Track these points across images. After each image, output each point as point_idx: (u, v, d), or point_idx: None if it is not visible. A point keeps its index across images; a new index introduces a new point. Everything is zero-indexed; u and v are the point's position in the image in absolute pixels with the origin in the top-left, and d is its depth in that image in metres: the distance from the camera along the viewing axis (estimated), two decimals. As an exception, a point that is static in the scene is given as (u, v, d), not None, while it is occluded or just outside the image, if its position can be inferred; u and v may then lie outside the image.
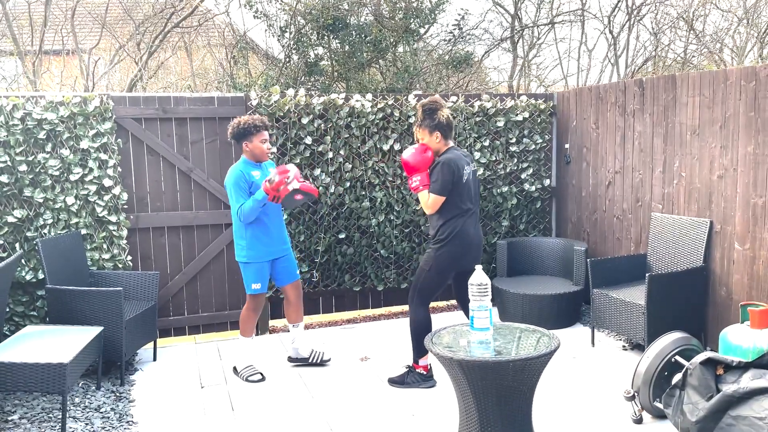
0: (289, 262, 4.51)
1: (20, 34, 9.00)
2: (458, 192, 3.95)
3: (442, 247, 4.00)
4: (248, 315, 4.44)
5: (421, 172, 4.00)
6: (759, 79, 4.18)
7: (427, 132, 4.01)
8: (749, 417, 2.92)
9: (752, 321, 3.67)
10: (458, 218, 3.98)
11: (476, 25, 10.13)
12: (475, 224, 4.08)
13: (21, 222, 4.70)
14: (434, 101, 4.03)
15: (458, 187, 3.94)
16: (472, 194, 4.04)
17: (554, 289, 5.37)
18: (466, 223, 4.00)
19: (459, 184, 3.93)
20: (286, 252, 4.48)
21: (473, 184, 4.07)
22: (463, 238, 3.99)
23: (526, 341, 3.23)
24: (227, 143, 5.30)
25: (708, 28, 11.90)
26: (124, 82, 9.83)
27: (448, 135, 4.03)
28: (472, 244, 4.04)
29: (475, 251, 4.09)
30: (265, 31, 8.27)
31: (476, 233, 4.09)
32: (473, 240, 4.04)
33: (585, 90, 5.89)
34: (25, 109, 4.67)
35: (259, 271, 4.32)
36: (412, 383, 4.23)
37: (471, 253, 4.06)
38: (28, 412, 3.91)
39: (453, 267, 4.06)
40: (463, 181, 3.95)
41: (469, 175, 4.02)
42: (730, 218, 4.47)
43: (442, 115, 3.98)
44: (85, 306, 4.30)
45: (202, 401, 4.12)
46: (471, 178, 4.04)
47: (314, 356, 4.68)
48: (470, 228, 4.02)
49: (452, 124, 4.04)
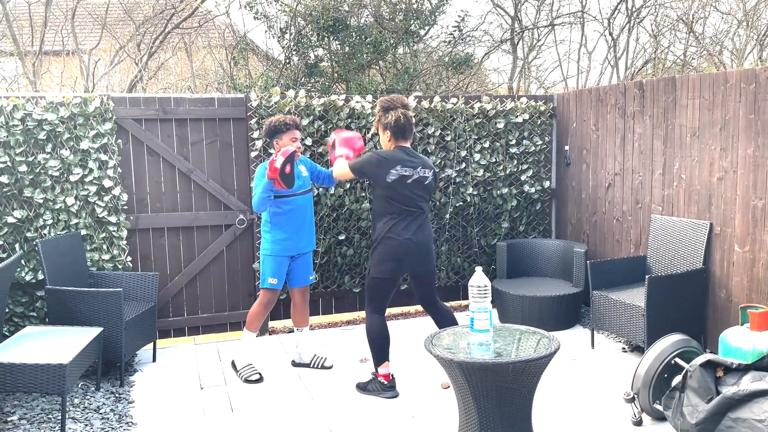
0: (305, 263, 4.50)
1: (20, 34, 9.00)
2: (382, 189, 3.86)
3: (374, 248, 3.95)
4: (259, 310, 4.42)
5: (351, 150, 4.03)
6: (759, 82, 4.18)
7: (381, 128, 3.99)
8: (749, 419, 2.92)
9: (752, 323, 3.67)
10: (389, 219, 3.88)
11: (476, 26, 10.15)
12: (416, 227, 3.90)
13: (21, 222, 4.70)
14: (390, 100, 3.95)
15: (380, 183, 3.84)
16: (407, 198, 3.87)
17: (554, 291, 5.37)
18: (399, 225, 3.87)
19: (380, 179, 3.83)
20: (306, 251, 4.47)
21: (414, 188, 3.89)
22: (395, 239, 3.86)
23: (525, 343, 3.23)
24: (227, 144, 5.30)
25: (708, 30, 11.92)
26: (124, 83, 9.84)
27: (399, 136, 3.92)
28: (409, 246, 3.89)
29: (415, 254, 3.92)
30: (265, 33, 8.29)
31: (416, 236, 3.90)
32: (410, 242, 3.88)
33: (585, 92, 5.90)
34: (26, 109, 4.67)
35: (278, 266, 4.34)
36: (372, 391, 4.14)
37: (410, 257, 3.91)
38: (27, 412, 3.91)
39: (390, 269, 3.91)
40: (388, 180, 3.82)
41: (408, 179, 3.86)
42: (729, 220, 4.47)
43: (393, 116, 3.88)
44: (84, 307, 4.30)
45: (201, 402, 4.12)
46: (411, 182, 3.87)
47: (315, 362, 4.68)
48: (406, 230, 3.87)
49: (405, 126, 3.90)
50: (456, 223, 5.96)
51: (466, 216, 5.98)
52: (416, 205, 3.92)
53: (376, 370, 4.10)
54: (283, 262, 4.36)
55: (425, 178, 3.95)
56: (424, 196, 3.97)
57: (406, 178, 3.87)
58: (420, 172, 3.93)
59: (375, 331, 4.01)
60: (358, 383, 4.25)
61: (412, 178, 3.89)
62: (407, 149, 3.95)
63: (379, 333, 4.00)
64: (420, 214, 3.95)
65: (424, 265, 4.00)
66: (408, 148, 3.96)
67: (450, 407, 3.93)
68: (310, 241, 4.48)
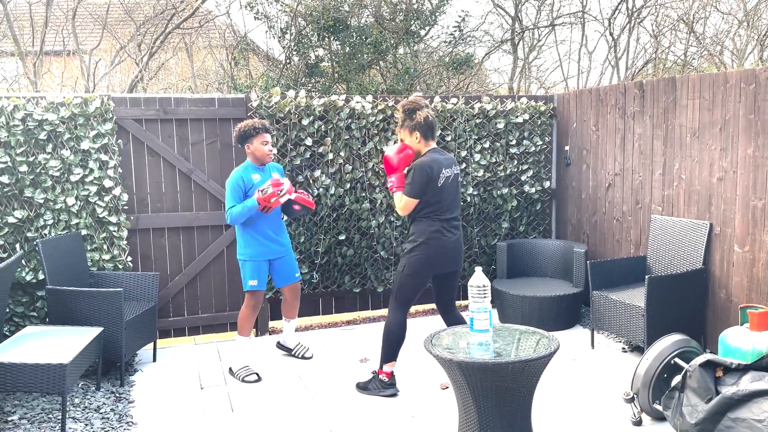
0: (286, 263, 4.60)
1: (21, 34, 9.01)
2: (433, 195, 3.88)
3: (414, 249, 3.94)
4: (247, 313, 4.49)
5: (398, 171, 3.95)
6: (759, 82, 4.19)
7: (408, 132, 3.97)
8: (748, 419, 2.93)
9: (751, 323, 3.67)
10: (432, 221, 3.91)
11: (477, 26, 10.15)
12: (452, 228, 3.98)
13: (21, 222, 4.71)
14: (414, 102, 3.98)
15: (433, 191, 3.87)
16: (449, 198, 3.96)
17: (554, 291, 5.37)
18: (441, 227, 3.93)
19: (434, 187, 3.87)
20: (284, 254, 4.56)
21: (453, 188, 3.98)
22: (437, 241, 3.92)
23: (525, 343, 3.23)
24: (228, 144, 5.31)
25: (708, 30, 11.92)
26: (125, 83, 9.84)
27: (429, 136, 3.97)
28: (447, 248, 3.96)
29: (451, 255, 4.00)
30: (265, 33, 8.28)
31: (453, 237, 3.98)
32: (448, 244, 3.95)
33: (585, 92, 5.90)
34: (26, 109, 4.68)
35: (255, 268, 4.44)
36: (372, 390, 4.16)
37: (447, 256, 3.98)
38: (28, 412, 3.91)
39: (428, 271, 3.98)
40: (439, 185, 3.88)
41: (449, 179, 3.94)
42: (729, 220, 4.47)
43: (421, 116, 3.91)
44: (85, 307, 4.30)
45: (201, 402, 4.13)
46: (450, 182, 3.95)
47: (297, 350, 4.87)
48: (446, 232, 3.94)
49: (433, 124, 3.97)
50: (456, 224, 5.96)
51: (467, 216, 5.98)
52: (453, 205, 4.01)
53: (381, 366, 4.12)
54: (260, 265, 4.46)
55: (457, 174, 4.06)
56: (457, 194, 4.06)
57: (448, 179, 3.94)
58: (455, 170, 4.03)
59: (395, 329, 4.05)
60: (358, 383, 4.25)
61: (451, 178, 3.97)
62: (438, 149, 4.00)
63: (399, 332, 4.05)
64: (456, 215, 4.04)
65: (456, 263, 4.07)
66: (437, 147, 4.02)
67: (450, 407, 3.94)
68: (287, 243, 4.61)
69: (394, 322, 4.03)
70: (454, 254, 4.01)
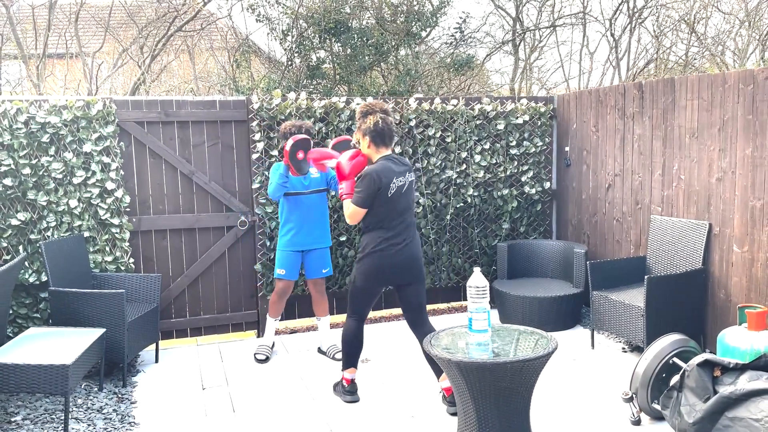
0: (314, 257, 4.80)
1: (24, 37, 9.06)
2: (381, 205, 3.73)
3: (362, 260, 3.84)
4: (274, 299, 4.84)
5: (348, 179, 3.82)
6: (757, 83, 4.20)
7: (361, 135, 3.87)
8: (746, 418, 2.94)
9: (750, 323, 3.69)
10: (380, 232, 3.77)
11: (478, 28, 10.17)
12: (403, 239, 3.81)
13: (24, 225, 4.74)
14: (369, 105, 3.83)
15: (382, 201, 3.72)
16: (401, 208, 3.80)
17: (554, 292, 5.39)
18: (390, 238, 3.77)
19: (383, 197, 3.71)
20: (313, 246, 4.77)
21: (405, 196, 3.81)
22: (384, 252, 3.77)
23: (524, 343, 3.25)
24: (229, 146, 5.34)
25: (710, 30, 11.92)
26: (128, 86, 9.89)
27: (379, 142, 3.79)
28: (396, 259, 3.79)
29: (401, 266, 3.82)
30: (267, 35, 8.31)
31: (404, 248, 3.81)
32: (398, 255, 3.79)
33: (585, 93, 5.92)
34: (29, 112, 4.71)
35: (283, 258, 4.73)
36: (337, 392, 4.19)
37: (396, 267, 3.81)
38: (31, 413, 3.94)
39: (375, 282, 3.85)
40: (389, 195, 3.72)
41: (402, 188, 3.78)
42: (728, 221, 4.48)
43: (371, 120, 3.76)
44: (87, 308, 4.33)
45: (203, 402, 4.15)
46: (405, 191, 3.80)
47: (330, 351, 4.94)
48: (395, 243, 3.78)
49: (383, 131, 3.77)
50: (457, 224, 5.98)
51: (467, 217, 6.01)
52: (407, 214, 3.85)
53: (342, 371, 4.13)
54: (291, 256, 4.72)
55: (412, 182, 3.89)
56: (410, 202, 3.87)
57: (402, 188, 3.79)
58: (410, 177, 3.86)
59: (350, 335, 4.00)
60: (335, 382, 4.31)
61: (405, 186, 3.82)
62: (391, 157, 3.82)
63: (353, 339, 4.00)
64: (413, 223, 3.89)
65: (412, 275, 3.87)
66: (391, 155, 3.83)
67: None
68: (320, 238, 4.79)
69: (349, 330, 4.00)
70: (406, 265, 3.83)
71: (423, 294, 3.95)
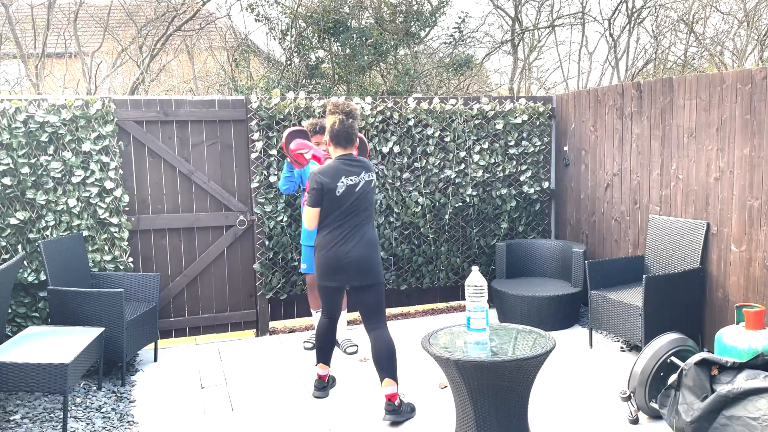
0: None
1: (23, 37, 9.06)
2: (329, 204, 3.74)
3: (315, 258, 3.89)
4: (309, 293, 5.07)
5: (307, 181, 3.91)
6: (755, 82, 4.21)
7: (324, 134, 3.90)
8: (743, 417, 2.95)
9: (747, 322, 3.70)
10: (329, 231, 3.77)
11: (477, 28, 10.20)
12: (352, 240, 3.75)
13: (23, 224, 4.74)
14: (334, 105, 3.79)
15: (330, 200, 3.73)
16: (352, 208, 3.76)
17: (553, 291, 5.39)
18: (337, 237, 3.76)
19: (331, 196, 3.72)
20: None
21: (358, 196, 3.76)
22: (330, 252, 3.76)
23: (522, 342, 3.26)
24: (228, 146, 5.34)
25: (708, 30, 11.94)
26: (126, 85, 9.89)
27: (337, 142, 3.77)
28: (343, 260, 3.75)
29: (348, 268, 3.76)
30: (266, 34, 8.32)
31: (351, 249, 3.75)
32: (344, 256, 3.75)
33: (583, 93, 5.92)
34: (28, 112, 4.71)
35: (305, 253, 4.95)
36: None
37: (342, 269, 3.77)
38: (29, 412, 3.95)
39: (324, 281, 3.85)
40: (337, 194, 3.72)
41: (355, 188, 3.75)
42: (726, 220, 4.49)
43: (330, 121, 3.76)
44: (86, 307, 4.34)
45: (202, 402, 4.16)
46: (357, 191, 3.76)
47: (343, 345, 5.04)
48: (343, 243, 3.75)
49: (340, 132, 3.75)
50: (455, 224, 5.99)
51: (466, 216, 6.01)
52: (359, 214, 3.79)
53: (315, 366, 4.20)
54: (308, 251, 4.89)
55: (369, 182, 3.82)
56: (368, 200, 3.82)
57: (353, 186, 3.75)
58: (365, 177, 3.81)
59: (318, 331, 4.11)
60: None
61: (359, 185, 3.78)
62: (346, 157, 3.79)
63: (321, 335, 4.08)
64: (364, 224, 3.81)
65: (360, 278, 3.79)
66: (347, 155, 3.80)
67: (448, 406, 3.96)
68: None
69: (319, 326, 4.10)
70: (352, 267, 3.76)
71: (375, 298, 3.84)
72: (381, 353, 3.77)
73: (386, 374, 3.75)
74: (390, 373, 3.75)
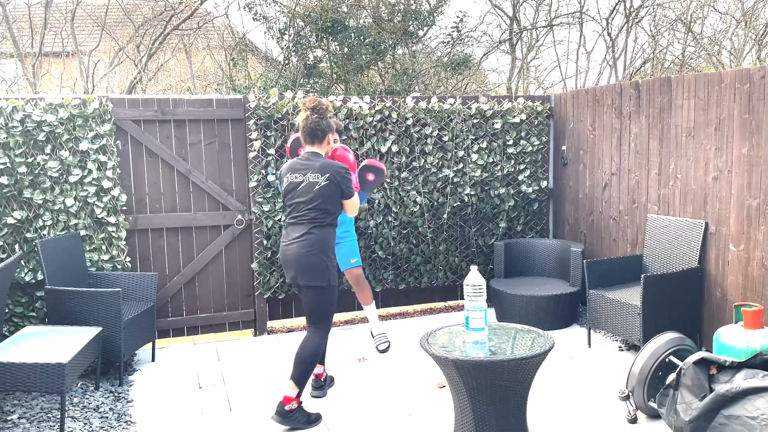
0: (342, 249, 4.79)
1: (20, 36, 9.04)
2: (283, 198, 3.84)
3: None
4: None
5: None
6: (753, 82, 4.21)
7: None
8: (742, 416, 2.95)
9: (745, 321, 3.70)
10: (285, 225, 3.83)
11: (474, 27, 10.21)
12: (293, 237, 3.72)
13: (20, 223, 4.73)
14: (306, 101, 3.78)
15: (283, 194, 3.82)
16: (295, 205, 3.74)
17: (551, 290, 5.39)
18: (285, 233, 3.80)
19: (284, 191, 3.81)
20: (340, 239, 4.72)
21: (301, 195, 3.70)
22: (282, 245, 3.81)
23: (520, 341, 3.25)
24: (225, 145, 5.33)
25: (706, 30, 11.95)
26: (124, 84, 9.88)
27: (304, 138, 3.79)
28: (285, 255, 3.76)
29: (288, 264, 3.75)
30: (264, 34, 8.31)
31: (291, 246, 3.72)
32: (286, 252, 3.75)
33: (582, 92, 5.92)
34: (25, 111, 4.70)
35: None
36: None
37: (286, 264, 3.77)
38: (27, 411, 3.93)
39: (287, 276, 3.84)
40: (283, 187, 3.80)
41: (298, 186, 3.71)
42: (724, 219, 4.49)
43: (300, 117, 3.79)
44: (84, 307, 4.32)
45: (200, 401, 4.15)
46: (300, 189, 3.71)
47: (376, 340, 5.04)
48: (287, 239, 3.76)
49: (306, 129, 3.74)
50: (454, 223, 5.98)
51: (464, 216, 6.01)
52: (302, 213, 3.71)
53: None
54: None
55: (315, 183, 3.68)
56: (313, 201, 3.69)
57: (295, 185, 3.73)
58: (310, 177, 3.69)
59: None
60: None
61: (302, 184, 3.71)
62: (309, 155, 3.76)
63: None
64: (305, 224, 3.71)
65: (298, 276, 3.73)
66: (309, 152, 3.78)
67: (446, 406, 3.96)
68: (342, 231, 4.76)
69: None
70: (288, 264, 3.75)
71: (309, 300, 3.77)
72: (297, 354, 3.74)
73: (292, 376, 3.72)
74: (295, 377, 3.70)
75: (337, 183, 3.70)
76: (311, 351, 3.73)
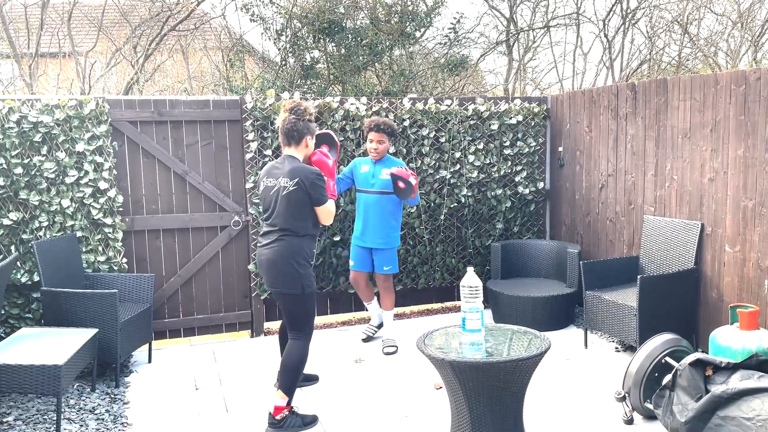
0: (377, 256, 4.95)
1: (17, 37, 9.02)
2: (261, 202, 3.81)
3: None
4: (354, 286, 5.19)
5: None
6: (749, 83, 4.22)
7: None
8: (737, 417, 2.96)
9: (741, 322, 3.71)
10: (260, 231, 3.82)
11: (472, 28, 10.21)
12: (266, 242, 3.70)
13: (17, 224, 4.72)
14: (286, 102, 3.80)
15: (260, 198, 3.80)
16: (269, 210, 3.71)
17: (548, 291, 5.40)
18: (261, 237, 3.78)
19: (260, 194, 3.79)
20: (369, 246, 4.92)
21: (273, 200, 3.68)
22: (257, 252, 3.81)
23: (517, 343, 3.26)
24: (222, 146, 5.33)
25: (702, 31, 11.98)
26: (121, 85, 9.86)
27: (283, 140, 3.76)
28: (260, 259, 3.75)
29: (261, 267, 3.74)
30: (261, 35, 8.32)
31: (263, 251, 3.71)
32: (260, 256, 3.74)
33: (578, 93, 5.93)
34: (21, 112, 4.69)
35: (353, 251, 5.05)
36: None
37: (260, 267, 3.76)
38: (23, 413, 3.93)
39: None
40: (260, 190, 3.80)
41: (271, 190, 3.70)
42: (720, 221, 4.50)
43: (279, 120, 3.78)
44: (80, 308, 4.32)
45: (196, 403, 4.14)
46: (272, 194, 3.69)
47: (385, 344, 5.05)
48: (260, 243, 3.76)
49: (282, 128, 3.71)
50: (450, 224, 5.99)
51: (461, 217, 6.01)
52: (273, 218, 3.68)
53: None
54: (356, 250, 5.02)
55: (284, 188, 3.63)
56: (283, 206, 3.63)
57: (269, 189, 3.73)
58: (284, 183, 3.64)
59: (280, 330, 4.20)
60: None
61: (274, 189, 3.69)
62: (285, 158, 3.72)
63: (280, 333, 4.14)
64: (275, 230, 3.67)
65: (269, 282, 3.72)
66: (285, 155, 3.74)
67: (443, 407, 3.96)
68: (372, 239, 4.91)
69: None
70: (262, 268, 3.73)
71: (285, 306, 3.74)
72: (283, 363, 3.71)
73: (280, 385, 3.69)
74: (283, 386, 3.67)
75: (305, 188, 3.60)
76: (296, 359, 3.70)
